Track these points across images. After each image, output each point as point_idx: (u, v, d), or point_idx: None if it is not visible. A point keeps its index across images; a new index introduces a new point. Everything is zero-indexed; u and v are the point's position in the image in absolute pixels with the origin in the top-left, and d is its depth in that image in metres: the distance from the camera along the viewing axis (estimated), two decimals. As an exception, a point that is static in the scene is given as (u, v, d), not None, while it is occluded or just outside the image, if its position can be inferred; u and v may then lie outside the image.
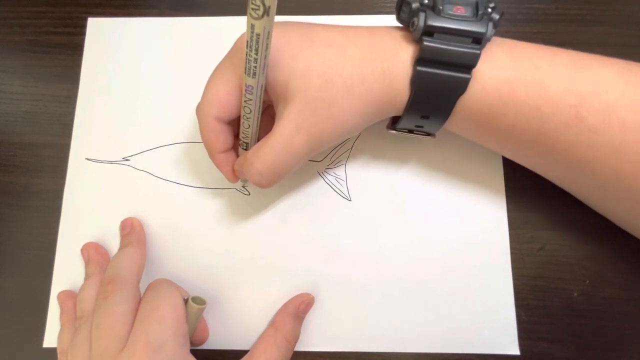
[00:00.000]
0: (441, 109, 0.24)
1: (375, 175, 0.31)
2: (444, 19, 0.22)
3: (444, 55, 0.22)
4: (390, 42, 0.24)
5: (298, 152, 0.24)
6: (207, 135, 0.26)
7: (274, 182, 0.25)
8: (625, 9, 0.33)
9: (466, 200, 0.30)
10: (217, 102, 0.25)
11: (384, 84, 0.23)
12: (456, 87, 0.23)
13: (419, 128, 0.26)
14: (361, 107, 0.24)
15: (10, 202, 0.31)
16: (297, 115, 0.23)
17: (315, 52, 0.23)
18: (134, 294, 0.25)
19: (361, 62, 0.23)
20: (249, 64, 0.22)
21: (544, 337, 0.28)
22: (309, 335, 0.29)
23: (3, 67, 0.34)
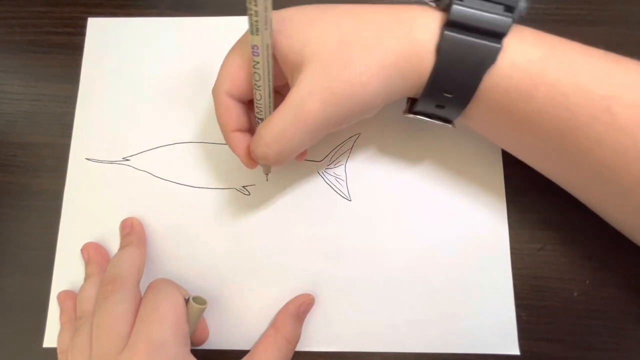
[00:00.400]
0: (467, 83, 0.23)
1: (375, 175, 0.31)
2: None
3: (475, 19, 0.21)
4: (413, 9, 0.23)
5: (310, 119, 0.22)
6: (219, 112, 0.25)
7: (282, 157, 0.24)
8: (625, 9, 0.33)
9: (466, 200, 0.30)
10: (229, 77, 0.24)
11: (406, 47, 0.22)
12: (485, 56, 0.22)
13: (439, 109, 0.24)
14: (380, 70, 0.22)
15: (10, 202, 0.31)
16: (310, 78, 0.22)
17: (331, 18, 0.23)
18: (134, 293, 0.25)
19: (380, 25, 0.22)
20: (250, 20, 0.21)
21: (544, 337, 0.28)
22: (309, 335, 0.29)
23: (3, 67, 0.34)
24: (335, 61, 0.22)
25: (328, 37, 0.22)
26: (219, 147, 0.31)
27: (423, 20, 0.22)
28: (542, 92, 0.22)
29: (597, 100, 0.21)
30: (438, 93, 0.23)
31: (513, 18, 0.22)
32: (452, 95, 0.23)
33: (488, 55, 0.22)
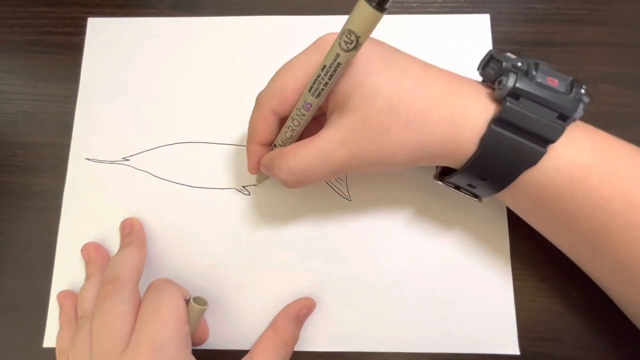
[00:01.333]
0: (503, 176, 0.23)
1: (375, 175, 0.31)
2: (535, 86, 0.22)
3: (525, 121, 0.21)
4: (468, 93, 0.23)
5: (334, 165, 0.23)
6: (256, 123, 0.25)
7: (299, 185, 0.25)
8: (625, 9, 0.33)
9: (466, 200, 0.30)
10: (279, 96, 0.24)
11: (448, 132, 0.22)
12: (527, 157, 0.22)
13: (470, 187, 0.25)
14: (415, 146, 0.23)
15: (10, 202, 0.31)
16: (348, 129, 0.23)
17: (389, 75, 0.22)
18: (133, 294, 0.25)
19: (432, 102, 0.22)
20: (317, 85, 0.22)
21: (544, 337, 0.28)
22: (309, 335, 0.29)
23: (3, 67, 0.34)
24: (376, 123, 0.22)
25: (379, 94, 0.22)
26: (219, 147, 0.31)
27: (475, 108, 0.22)
28: (583, 194, 0.22)
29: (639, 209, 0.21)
30: (472, 177, 0.24)
31: (564, 127, 0.22)
32: (487, 181, 0.23)
33: (531, 157, 0.22)
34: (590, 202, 0.22)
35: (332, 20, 0.33)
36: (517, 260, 0.29)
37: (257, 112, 0.25)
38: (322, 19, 0.33)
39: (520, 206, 0.26)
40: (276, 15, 0.33)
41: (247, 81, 0.32)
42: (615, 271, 0.23)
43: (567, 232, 0.24)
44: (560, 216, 0.23)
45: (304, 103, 0.23)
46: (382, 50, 0.23)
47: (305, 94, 0.23)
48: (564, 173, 0.22)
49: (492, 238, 0.30)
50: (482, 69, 0.24)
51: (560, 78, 0.22)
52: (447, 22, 0.33)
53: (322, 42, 0.24)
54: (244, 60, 0.33)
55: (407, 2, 0.33)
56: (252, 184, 0.31)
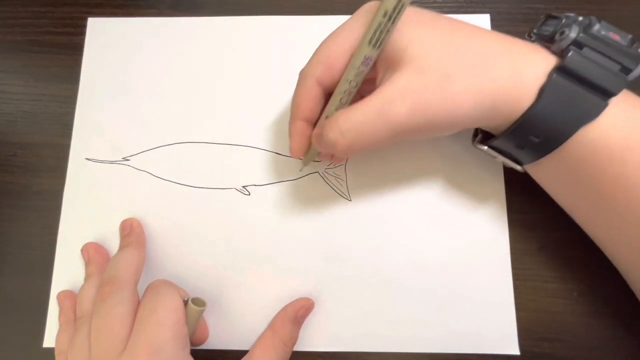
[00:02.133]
0: (559, 133, 0.21)
1: (375, 175, 0.31)
2: (599, 37, 0.21)
3: (589, 71, 0.21)
4: (524, 45, 0.22)
5: (393, 122, 0.21)
6: (300, 96, 0.24)
7: (351, 149, 0.22)
8: (625, 9, 0.33)
9: (466, 200, 0.30)
10: (324, 63, 0.23)
11: (509, 80, 0.21)
12: (588, 110, 0.21)
13: (517, 150, 0.23)
14: (477, 94, 0.21)
15: (10, 202, 0.31)
16: (407, 80, 0.21)
17: (442, 27, 0.22)
18: (132, 295, 0.25)
19: (489, 50, 0.21)
20: (379, 35, 0.21)
21: (544, 337, 0.28)
22: (309, 335, 0.29)
23: (3, 67, 0.34)
24: (436, 71, 0.21)
25: (435, 44, 0.21)
26: (219, 147, 0.31)
27: (534, 57, 0.22)
28: (637, 160, 0.21)
29: None
30: (524, 134, 0.22)
31: (627, 80, 0.21)
32: (538, 139, 0.22)
33: (591, 110, 0.21)
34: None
35: (332, 20, 0.33)
36: (517, 260, 0.29)
37: (301, 84, 0.24)
38: (322, 19, 0.33)
39: (562, 176, 0.24)
40: (276, 15, 0.33)
41: (248, 81, 0.32)
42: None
43: (609, 207, 0.23)
44: (606, 186, 0.22)
45: (364, 58, 0.22)
46: (427, 12, 0.23)
47: (362, 48, 0.22)
48: (620, 133, 0.21)
49: (492, 237, 0.30)
50: (536, 30, 0.23)
51: (621, 34, 0.22)
52: (447, 22, 0.33)
53: (365, 9, 0.23)
54: (244, 60, 0.33)
55: (407, 2, 0.33)
56: (251, 184, 0.31)
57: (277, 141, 0.31)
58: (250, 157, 0.31)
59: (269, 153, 0.31)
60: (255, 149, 0.31)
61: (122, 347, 0.23)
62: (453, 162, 0.31)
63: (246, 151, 0.31)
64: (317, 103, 0.24)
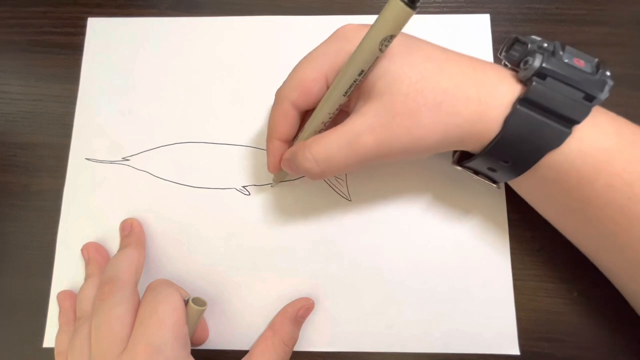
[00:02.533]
0: (526, 158, 0.22)
1: (375, 175, 0.31)
2: (562, 65, 0.22)
3: (551, 101, 0.21)
4: (493, 74, 0.23)
5: (361, 153, 0.23)
6: (276, 117, 0.25)
7: (323, 175, 0.24)
8: (625, 9, 0.33)
9: (466, 200, 0.30)
10: (300, 87, 0.24)
11: (474, 113, 0.22)
12: (552, 138, 0.22)
13: (490, 171, 0.25)
14: (442, 129, 0.22)
15: (10, 202, 0.31)
16: (375, 114, 0.22)
17: (412, 60, 0.22)
18: (132, 295, 0.25)
19: (457, 84, 0.22)
20: (351, 88, 0.22)
21: (544, 337, 0.28)
22: (309, 335, 0.29)
23: (3, 67, 0.34)
24: (404, 107, 0.22)
25: (404, 79, 0.22)
26: (219, 147, 0.31)
27: (500, 89, 0.22)
28: (605, 180, 0.22)
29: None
30: (494, 159, 0.23)
31: (590, 107, 0.21)
32: (508, 164, 0.23)
33: (555, 139, 0.22)
34: (612, 189, 0.22)
35: (332, 20, 0.33)
36: (517, 260, 0.29)
37: (277, 106, 0.25)
38: (322, 19, 0.33)
39: (538, 193, 0.25)
40: (276, 15, 0.33)
41: (247, 81, 0.32)
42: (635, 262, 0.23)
43: (585, 220, 0.24)
44: (579, 203, 0.23)
45: (337, 106, 0.23)
46: (403, 38, 0.23)
47: (337, 97, 0.23)
48: (587, 156, 0.22)
49: (492, 238, 0.30)
50: (505, 52, 0.24)
51: (587, 59, 0.22)
52: (447, 22, 0.33)
53: (341, 33, 0.24)
54: (244, 60, 0.33)
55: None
56: (251, 184, 0.31)
57: (277, 141, 0.31)
58: (250, 157, 0.31)
59: (269, 153, 0.31)
60: (255, 149, 0.31)
61: (122, 347, 0.23)
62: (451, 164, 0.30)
63: (246, 151, 0.31)
64: (292, 125, 0.25)
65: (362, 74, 0.22)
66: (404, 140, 0.22)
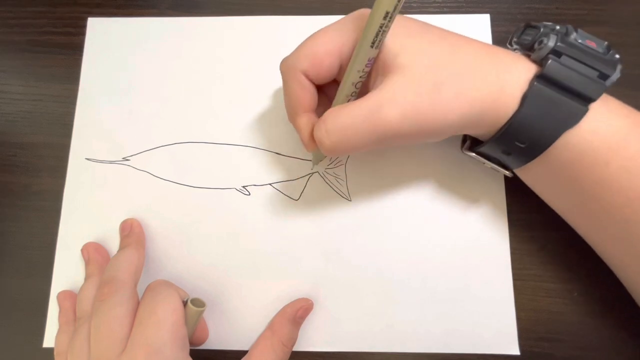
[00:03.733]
0: (543, 138, 0.22)
1: (375, 175, 0.31)
2: (576, 45, 0.22)
3: (568, 78, 0.21)
4: (507, 55, 0.23)
5: (383, 125, 0.22)
6: (293, 89, 0.24)
7: (335, 150, 0.23)
8: (625, 9, 0.33)
9: (466, 200, 0.30)
10: (311, 57, 0.23)
11: (494, 89, 0.22)
12: (569, 116, 0.22)
13: (504, 155, 0.24)
14: (467, 103, 0.22)
15: (10, 202, 0.31)
16: (396, 86, 0.22)
17: (431, 37, 0.23)
18: (131, 295, 0.25)
19: (475, 62, 0.22)
20: (379, 36, 0.21)
21: (544, 337, 0.28)
22: (310, 335, 0.29)
23: (3, 67, 0.34)
24: (426, 80, 0.22)
25: (425, 53, 0.22)
26: (219, 147, 0.31)
27: (516, 66, 0.22)
28: (620, 162, 0.22)
29: None
30: (510, 140, 0.23)
31: (605, 85, 0.22)
32: (524, 145, 0.23)
33: (572, 116, 0.22)
34: (626, 171, 0.21)
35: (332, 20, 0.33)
36: (517, 260, 0.29)
37: (290, 78, 0.24)
38: (322, 19, 0.33)
39: (549, 179, 0.25)
40: (276, 15, 0.33)
41: (247, 81, 0.32)
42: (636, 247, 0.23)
43: (597, 208, 0.23)
44: (591, 188, 0.23)
45: (367, 61, 0.22)
46: (416, 21, 0.23)
47: (365, 51, 0.22)
48: (602, 137, 0.22)
49: (492, 238, 0.30)
50: (517, 38, 0.24)
51: (597, 41, 0.22)
52: (447, 22, 0.33)
53: (358, 14, 0.23)
54: (243, 60, 0.33)
55: (407, 2, 0.33)
56: (251, 184, 0.31)
57: (277, 141, 0.31)
58: (250, 157, 0.31)
59: (269, 153, 0.31)
60: (255, 149, 0.31)
61: (121, 347, 0.23)
62: (453, 162, 0.31)
63: (246, 151, 0.31)
64: (312, 93, 0.24)
65: (388, 16, 0.20)
66: (429, 113, 0.22)
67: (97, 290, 0.25)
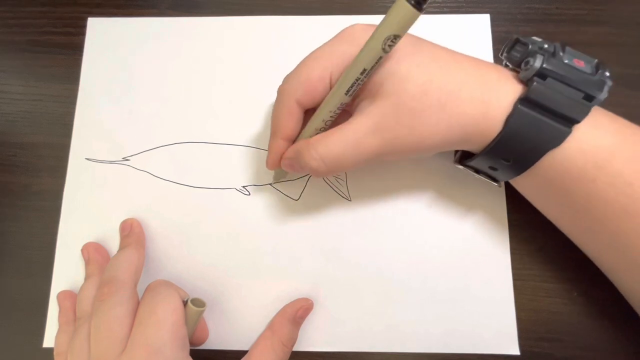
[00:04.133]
0: (527, 157, 0.23)
1: (375, 175, 0.31)
2: (562, 66, 0.22)
3: (552, 101, 0.22)
4: (495, 75, 0.23)
5: (366, 152, 0.23)
6: (281, 115, 0.25)
7: (329, 174, 0.25)
8: (625, 9, 0.33)
9: (466, 200, 0.30)
10: (306, 85, 0.24)
11: (478, 113, 0.22)
12: (552, 137, 0.22)
13: (491, 170, 0.25)
14: (446, 129, 0.23)
15: (10, 202, 0.31)
16: (380, 115, 0.23)
17: (419, 60, 0.23)
18: (131, 295, 0.25)
19: (462, 84, 0.23)
20: (353, 87, 0.22)
21: (544, 337, 0.28)
22: (310, 335, 0.29)
23: (3, 67, 0.34)
24: (409, 108, 0.22)
25: (411, 79, 0.22)
26: (219, 147, 0.31)
27: (502, 90, 0.23)
28: (605, 178, 0.22)
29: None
30: (495, 158, 0.24)
31: (590, 107, 0.22)
32: (509, 163, 0.23)
33: (555, 138, 0.22)
34: (612, 187, 0.22)
35: (332, 20, 0.33)
36: (517, 260, 0.29)
37: (282, 104, 0.25)
38: (322, 19, 0.33)
39: (539, 192, 0.25)
40: (276, 15, 0.33)
41: (247, 81, 0.32)
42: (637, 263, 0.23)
43: (586, 219, 0.24)
44: (580, 201, 0.23)
45: (339, 104, 0.23)
46: (409, 39, 0.23)
47: (339, 96, 0.23)
48: (588, 155, 0.22)
49: (492, 238, 0.30)
50: (507, 53, 0.24)
51: (586, 60, 0.23)
52: (447, 22, 0.33)
53: (348, 33, 0.24)
54: (243, 60, 0.33)
55: (407, 2, 0.33)
56: (251, 184, 0.31)
57: (277, 141, 0.31)
58: (250, 157, 0.31)
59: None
60: (255, 149, 0.31)
61: (121, 347, 0.23)
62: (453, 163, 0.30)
63: (246, 151, 0.31)
64: (297, 123, 0.25)
65: (365, 72, 0.22)
66: (408, 140, 0.23)
67: (97, 290, 0.25)
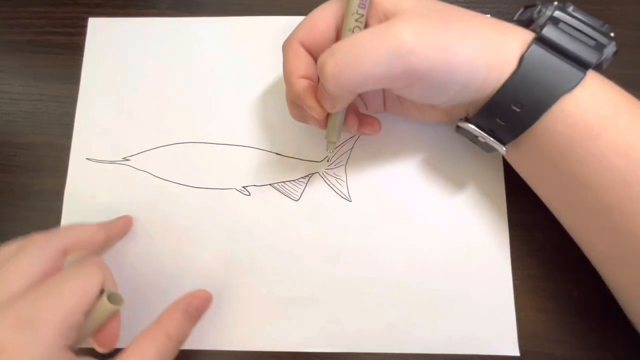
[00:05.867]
0: (540, 100, 0.22)
1: (375, 175, 0.31)
2: (573, 15, 0.23)
3: (565, 42, 0.22)
4: (507, 24, 0.24)
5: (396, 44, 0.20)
6: (287, 58, 0.25)
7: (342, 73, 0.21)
8: (625, 9, 0.33)
9: (466, 200, 0.30)
10: (307, 27, 0.24)
11: (493, 46, 0.22)
12: (567, 79, 0.22)
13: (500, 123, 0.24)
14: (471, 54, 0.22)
15: (10, 202, 0.31)
16: (410, 9, 0.22)
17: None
18: (50, 257, 0.23)
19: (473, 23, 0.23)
20: None
21: (544, 337, 0.28)
22: (309, 336, 0.29)
23: (3, 67, 0.34)
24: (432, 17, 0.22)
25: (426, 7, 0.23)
26: (219, 147, 0.31)
27: (515, 30, 0.23)
28: (609, 135, 0.22)
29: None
30: (507, 103, 0.23)
31: (601, 55, 0.22)
32: (521, 110, 0.23)
33: (570, 79, 0.22)
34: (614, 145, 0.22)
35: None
36: (517, 260, 0.29)
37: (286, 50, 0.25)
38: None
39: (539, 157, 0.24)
40: (276, 15, 0.33)
41: (248, 81, 0.32)
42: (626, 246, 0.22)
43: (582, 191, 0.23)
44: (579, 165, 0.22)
45: (361, 1, 0.23)
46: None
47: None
48: (597, 105, 0.22)
49: (492, 238, 0.30)
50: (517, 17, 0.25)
51: (593, 18, 0.23)
52: (447, 22, 0.33)
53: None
54: (243, 60, 0.33)
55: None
56: (251, 184, 0.31)
57: (277, 141, 0.31)
58: (250, 157, 0.31)
59: (269, 153, 0.31)
60: (255, 149, 0.31)
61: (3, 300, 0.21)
62: (453, 163, 0.31)
63: (246, 151, 0.31)
64: (308, 61, 0.25)
65: None
66: (440, 41, 0.21)
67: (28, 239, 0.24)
